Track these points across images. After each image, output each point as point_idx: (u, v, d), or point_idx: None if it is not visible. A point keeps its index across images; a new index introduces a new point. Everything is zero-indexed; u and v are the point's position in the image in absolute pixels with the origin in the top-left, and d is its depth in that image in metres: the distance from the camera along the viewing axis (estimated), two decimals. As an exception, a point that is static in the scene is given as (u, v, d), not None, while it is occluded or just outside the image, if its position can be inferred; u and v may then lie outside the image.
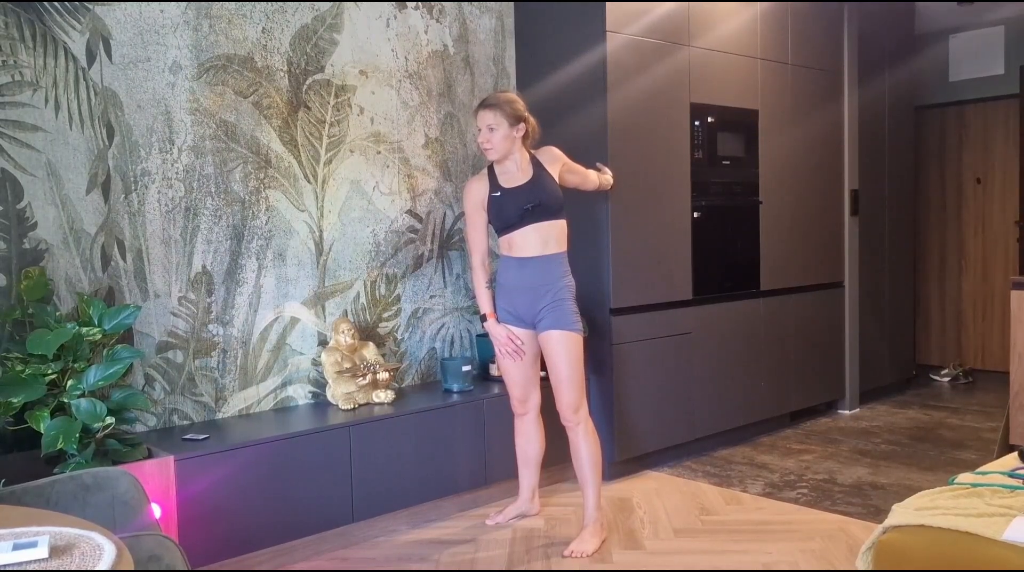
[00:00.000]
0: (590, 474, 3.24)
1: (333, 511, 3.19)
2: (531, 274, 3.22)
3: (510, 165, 3.27)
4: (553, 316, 3.21)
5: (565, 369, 3.21)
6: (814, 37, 4.99)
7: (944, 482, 2.72)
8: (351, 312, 3.75)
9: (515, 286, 3.26)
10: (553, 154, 3.36)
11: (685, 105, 4.24)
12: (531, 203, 3.19)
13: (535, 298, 3.23)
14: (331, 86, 3.65)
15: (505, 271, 3.30)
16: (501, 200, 3.23)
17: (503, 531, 3.40)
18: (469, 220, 3.34)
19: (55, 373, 2.68)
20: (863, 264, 5.42)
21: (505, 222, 3.24)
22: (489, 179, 3.29)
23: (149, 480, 2.60)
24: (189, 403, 3.29)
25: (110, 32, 3.06)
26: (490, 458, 3.66)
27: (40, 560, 1.48)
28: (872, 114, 5.48)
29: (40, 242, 2.93)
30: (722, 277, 4.49)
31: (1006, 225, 6.38)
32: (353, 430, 3.25)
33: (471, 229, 3.34)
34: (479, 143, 3.27)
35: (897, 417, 5.18)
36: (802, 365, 4.95)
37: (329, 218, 3.66)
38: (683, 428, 4.27)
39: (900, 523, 2.20)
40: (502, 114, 3.21)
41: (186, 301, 3.27)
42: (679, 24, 4.20)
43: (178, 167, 3.23)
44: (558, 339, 3.20)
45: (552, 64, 4.12)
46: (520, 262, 3.24)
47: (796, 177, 4.90)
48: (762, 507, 3.60)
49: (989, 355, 6.47)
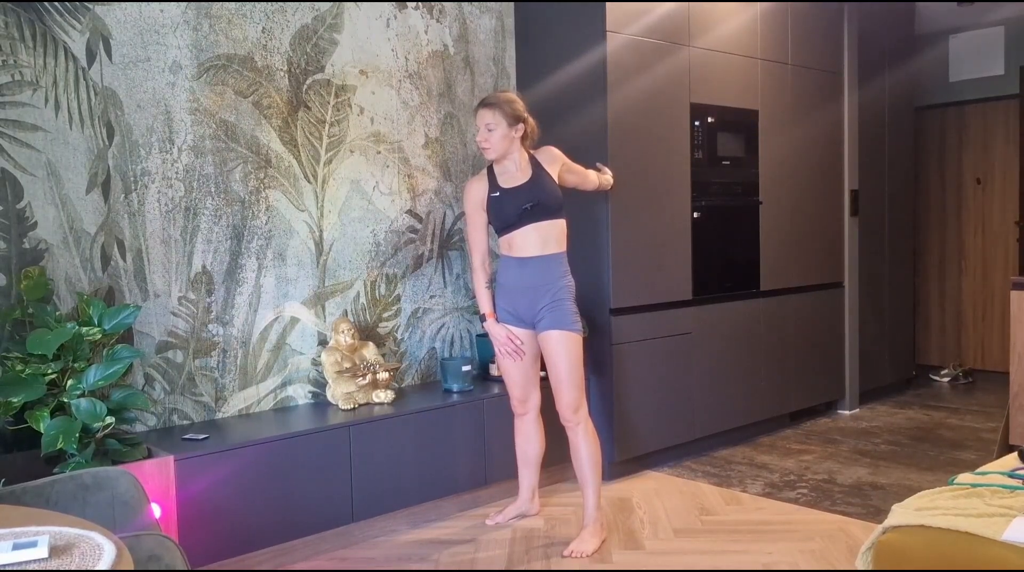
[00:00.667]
0: (590, 474, 3.25)
1: (333, 511, 3.19)
2: (531, 274, 3.22)
3: (509, 165, 3.27)
4: (552, 316, 3.21)
5: (564, 369, 3.21)
6: (814, 37, 4.99)
7: (944, 482, 2.72)
8: (351, 312, 3.75)
9: (515, 286, 3.26)
10: (552, 154, 3.36)
11: (685, 105, 4.24)
12: (530, 203, 3.20)
13: (535, 298, 3.23)
14: (331, 86, 3.65)
15: (505, 271, 3.30)
16: (500, 200, 3.24)
17: (503, 531, 3.40)
18: (469, 220, 3.34)
19: (55, 373, 2.68)
20: (863, 264, 5.42)
21: (504, 222, 3.24)
22: (488, 179, 3.29)
23: (149, 480, 2.60)
24: (189, 403, 3.29)
25: (110, 32, 3.06)
26: (490, 458, 3.66)
27: (40, 560, 1.48)
28: (872, 114, 5.48)
29: (40, 242, 2.93)
30: (722, 277, 4.49)
31: (1006, 225, 6.38)
32: (353, 430, 3.25)
33: (471, 229, 3.34)
34: (478, 142, 3.27)
35: (897, 417, 5.18)
36: (802, 365, 4.95)
37: (329, 218, 3.66)
38: (683, 428, 4.27)
39: (900, 523, 2.20)
40: (501, 114, 3.20)
41: (186, 301, 3.27)
42: (679, 24, 4.20)
43: (178, 167, 3.23)
44: (557, 339, 3.20)
45: (552, 64, 4.12)
46: (520, 262, 3.24)
47: (796, 177, 4.90)
48: (762, 507, 3.60)
49: (989, 355, 6.47)
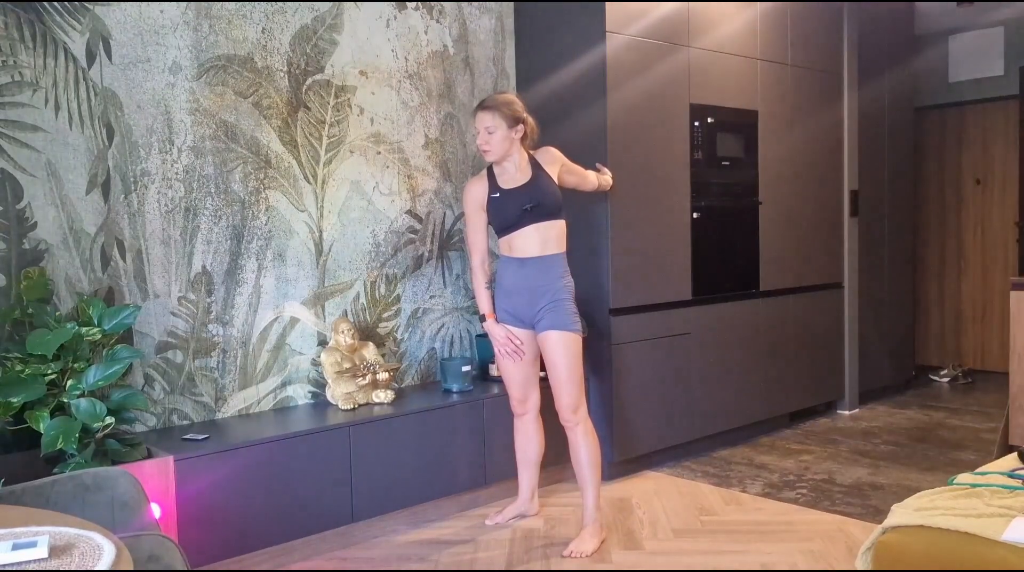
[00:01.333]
0: (589, 474, 3.25)
1: (333, 511, 3.19)
2: (530, 274, 3.23)
3: (509, 166, 3.28)
4: (552, 316, 3.21)
5: (564, 369, 3.21)
6: (814, 38, 4.99)
7: (943, 482, 2.72)
8: (351, 312, 3.75)
9: (514, 286, 3.26)
10: (552, 154, 3.36)
11: (685, 106, 4.24)
12: (530, 204, 3.20)
13: (534, 298, 3.23)
14: (331, 86, 3.65)
15: (504, 271, 3.30)
16: (500, 201, 3.24)
17: (503, 531, 3.40)
18: (469, 221, 3.34)
19: (55, 373, 2.68)
20: (862, 265, 5.42)
21: (504, 223, 3.25)
22: (488, 180, 3.30)
23: (149, 480, 2.60)
24: (189, 403, 3.29)
25: (110, 32, 3.06)
26: (490, 458, 3.66)
27: (40, 560, 1.48)
28: (872, 115, 5.48)
29: (40, 242, 2.93)
30: (721, 278, 4.49)
31: (1006, 225, 6.38)
32: (353, 430, 3.25)
33: (471, 230, 3.34)
34: (478, 145, 3.27)
35: (896, 417, 5.18)
36: (801, 365, 4.95)
37: (329, 218, 3.66)
38: (683, 428, 4.27)
39: (899, 523, 2.20)
40: (500, 116, 3.20)
41: (186, 301, 3.27)
42: (679, 25, 4.20)
43: (178, 167, 3.23)
44: (557, 339, 3.21)
45: (552, 64, 4.12)
46: (520, 262, 3.24)
47: (795, 178, 4.90)
48: (761, 507, 3.61)
49: (988, 355, 6.48)
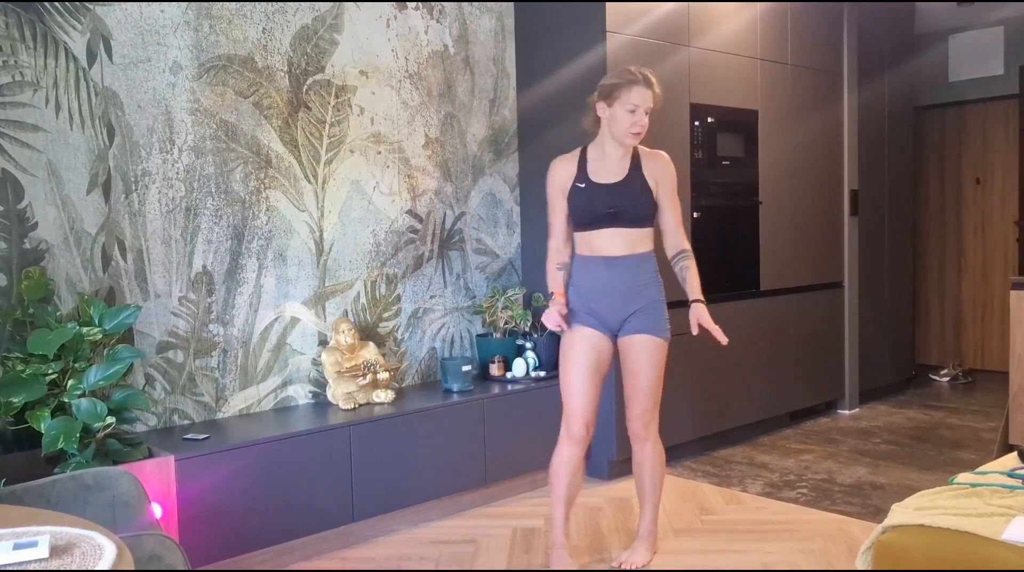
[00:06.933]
0: (651, 490, 3.04)
1: (333, 511, 3.19)
2: (623, 275, 2.87)
3: (613, 153, 2.88)
4: (643, 318, 2.89)
5: (646, 377, 2.91)
6: (814, 37, 4.99)
7: (944, 482, 2.72)
8: (351, 312, 3.75)
9: (604, 287, 2.88)
10: (664, 165, 2.93)
11: (685, 105, 4.24)
12: (613, 208, 2.84)
13: (627, 300, 2.88)
14: (331, 86, 3.65)
15: (586, 272, 2.91)
16: (586, 193, 2.87)
17: (503, 531, 3.40)
18: (550, 203, 2.97)
19: (56, 373, 2.68)
20: (863, 264, 5.42)
21: (583, 219, 2.89)
22: (579, 165, 2.91)
23: (149, 480, 2.60)
24: (189, 403, 3.30)
25: (110, 32, 3.06)
26: (490, 458, 3.66)
27: (40, 560, 1.49)
28: (872, 114, 5.48)
29: (41, 242, 2.93)
30: (722, 277, 4.48)
31: (1006, 225, 6.38)
32: (353, 430, 3.25)
33: (550, 211, 2.97)
34: (627, 129, 2.80)
35: (897, 417, 5.18)
36: (802, 365, 4.95)
37: (329, 218, 3.66)
38: (683, 428, 4.27)
39: (900, 523, 2.20)
40: (653, 97, 2.81)
41: (186, 301, 3.27)
42: (679, 24, 4.20)
43: (178, 167, 3.24)
44: (646, 344, 2.90)
45: (552, 64, 4.12)
46: (607, 262, 2.87)
47: (796, 177, 4.90)
48: (762, 507, 3.61)
49: (989, 355, 6.48)
